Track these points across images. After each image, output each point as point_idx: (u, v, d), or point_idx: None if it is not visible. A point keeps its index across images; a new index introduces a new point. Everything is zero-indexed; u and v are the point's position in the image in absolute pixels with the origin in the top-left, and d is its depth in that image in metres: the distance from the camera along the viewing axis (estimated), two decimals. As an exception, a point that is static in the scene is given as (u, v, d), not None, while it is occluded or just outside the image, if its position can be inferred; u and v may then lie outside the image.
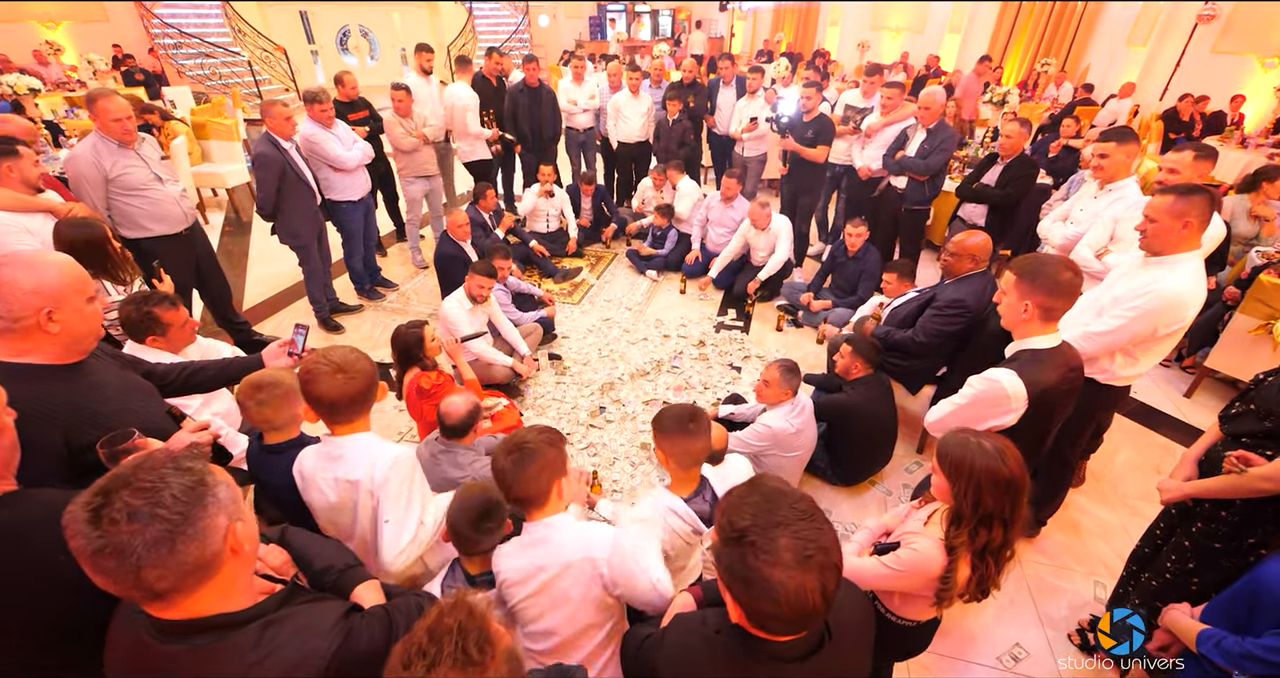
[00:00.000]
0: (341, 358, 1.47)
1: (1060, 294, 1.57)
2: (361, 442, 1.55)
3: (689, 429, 1.62)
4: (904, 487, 2.96)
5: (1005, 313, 1.68)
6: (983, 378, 1.63)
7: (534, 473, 1.38)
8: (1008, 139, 3.68)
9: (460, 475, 2.19)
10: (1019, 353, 1.66)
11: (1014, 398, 1.56)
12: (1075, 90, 9.55)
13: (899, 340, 2.88)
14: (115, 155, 2.96)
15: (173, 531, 0.77)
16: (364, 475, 1.50)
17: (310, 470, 1.59)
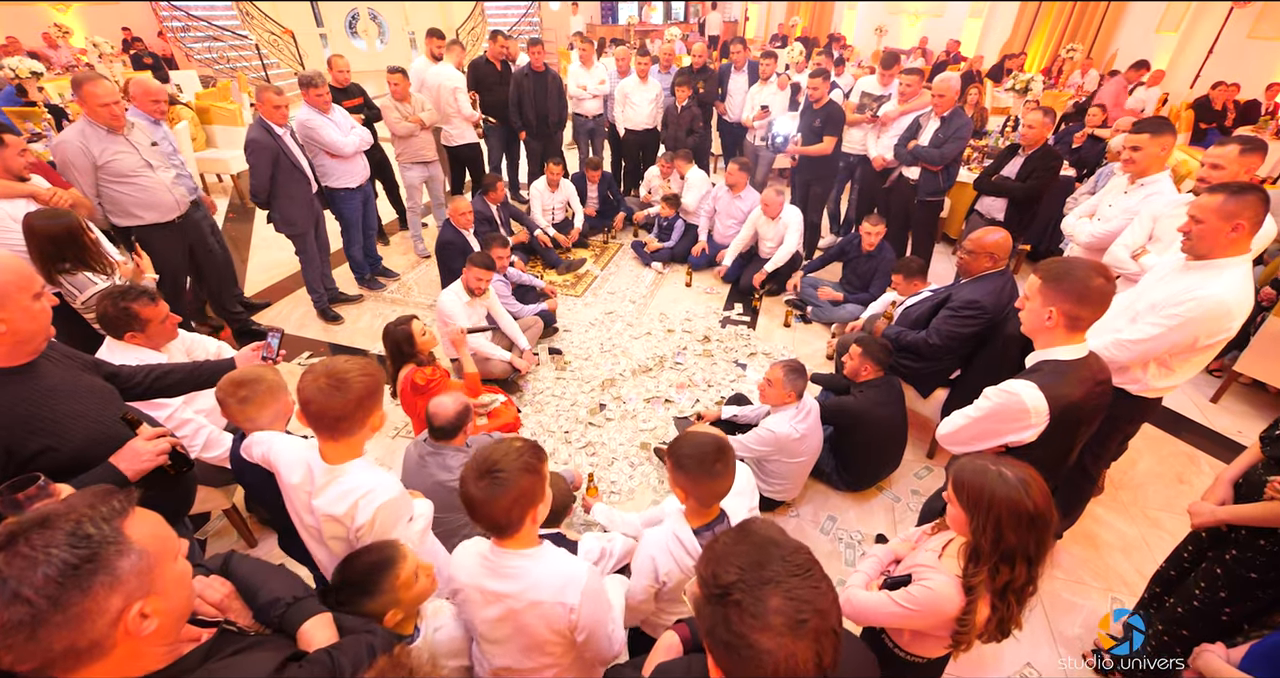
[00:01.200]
0: (336, 367, 1.30)
1: (1089, 302, 1.44)
2: (348, 478, 1.35)
3: (714, 471, 1.44)
4: (913, 493, 2.85)
5: (1028, 320, 1.55)
6: (1000, 390, 1.50)
7: (505, 504, 1.22)
8: (1030, 129, 3.50)
9: (448, 479, 2.11)
10: (1041, 364, 1.53)
11: (1034, 413, 1.44)
12: (1101, 78, 9.21)
13: (911, 342, 2.75)
14: (104, 141, 2.88)
15: (35, 617, 0.67)
16: (344, 514, 1.35)
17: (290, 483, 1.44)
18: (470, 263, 3.23)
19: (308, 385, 1.28)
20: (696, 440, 1.49)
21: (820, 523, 2.69)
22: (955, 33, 11.91)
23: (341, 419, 1.29)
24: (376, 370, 1.36)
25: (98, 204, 2.98)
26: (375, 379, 1.34)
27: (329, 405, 1.27)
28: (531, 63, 5.16)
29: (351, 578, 1.28)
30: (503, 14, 14.39)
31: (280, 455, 1.45)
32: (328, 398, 1.27)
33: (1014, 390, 1.46)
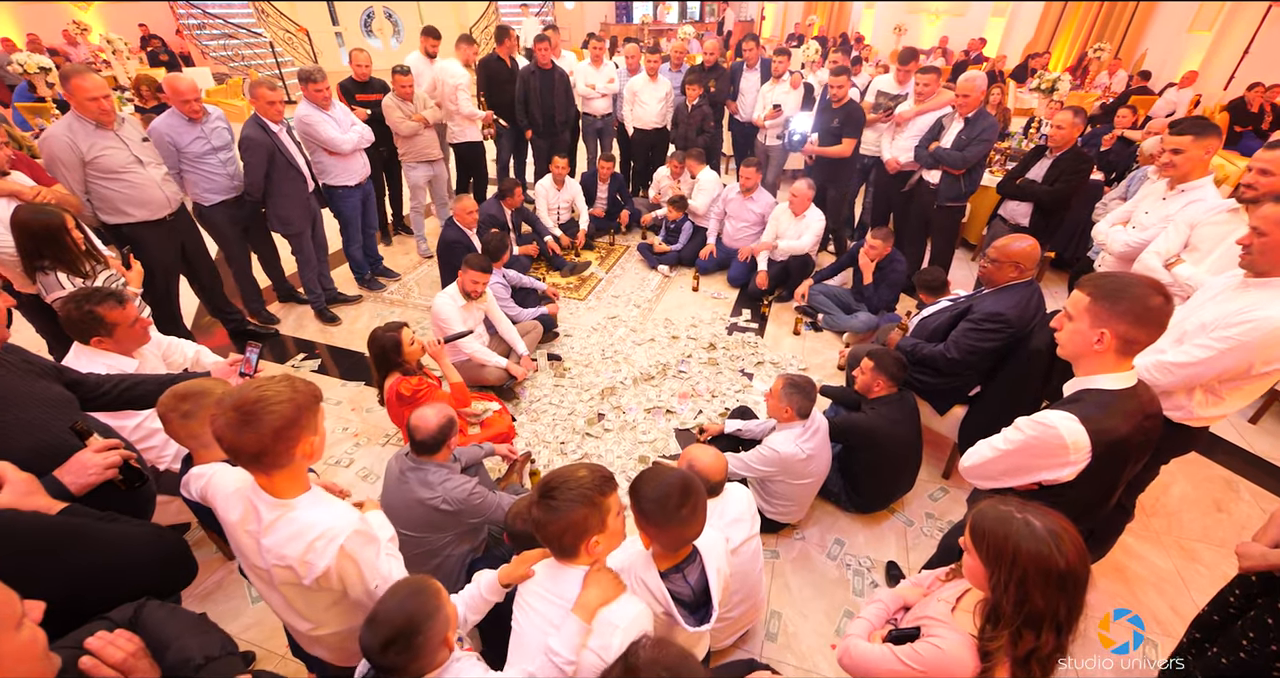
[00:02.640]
0: (246, 397, 1.11)
1: (1147, 323, 1.27)
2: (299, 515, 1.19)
3: (679, 517, 1.31)
4: (927, 517, 2.68)
5: (1071, 342, 1.37)
6: (1035, 422, 1.34)
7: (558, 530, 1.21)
8: (1058, 130, 3.31)
9: (430, 497, 1.98)
10: (1082, 393, 1.36)
11: (1073, 449, 1.27)
12: (1130, 79, 8.91)
13: (928, 355, 2.58)
14: (93, 136, 2.80)
15: None
16: (298, 559, 1.18)
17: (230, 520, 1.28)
18: (466, 265, 3.11)
19: (217, 419, 1.12)
20: (660, 480, 1.35)
21: (827, 547, 2.53)
22: (977, 32, 11.63)
23: (261, 455, 1.13)
24: (299, 393, 1.17)
25: (86, 201, 2.91)
26: (295, 405, 1.15)
27: (241, 442, 1.11)
28: (538, 59, 5.05)
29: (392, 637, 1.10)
30: (516, 14, 14.33)
31: (219, 489, 1.30)
32: (238, 433, 1.10)
33: (1051, 423, 1.30)
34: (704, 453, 1.87)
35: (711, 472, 1.83)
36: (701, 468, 1.82)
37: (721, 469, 1.86)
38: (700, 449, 1.90)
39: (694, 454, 1.87)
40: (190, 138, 3.21)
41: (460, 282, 3.17)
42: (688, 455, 1.88)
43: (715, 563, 1.48)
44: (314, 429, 1.20)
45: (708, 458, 1.85)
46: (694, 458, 1.86)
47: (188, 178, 3.32)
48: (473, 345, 3.15)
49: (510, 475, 2.77)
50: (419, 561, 2.09)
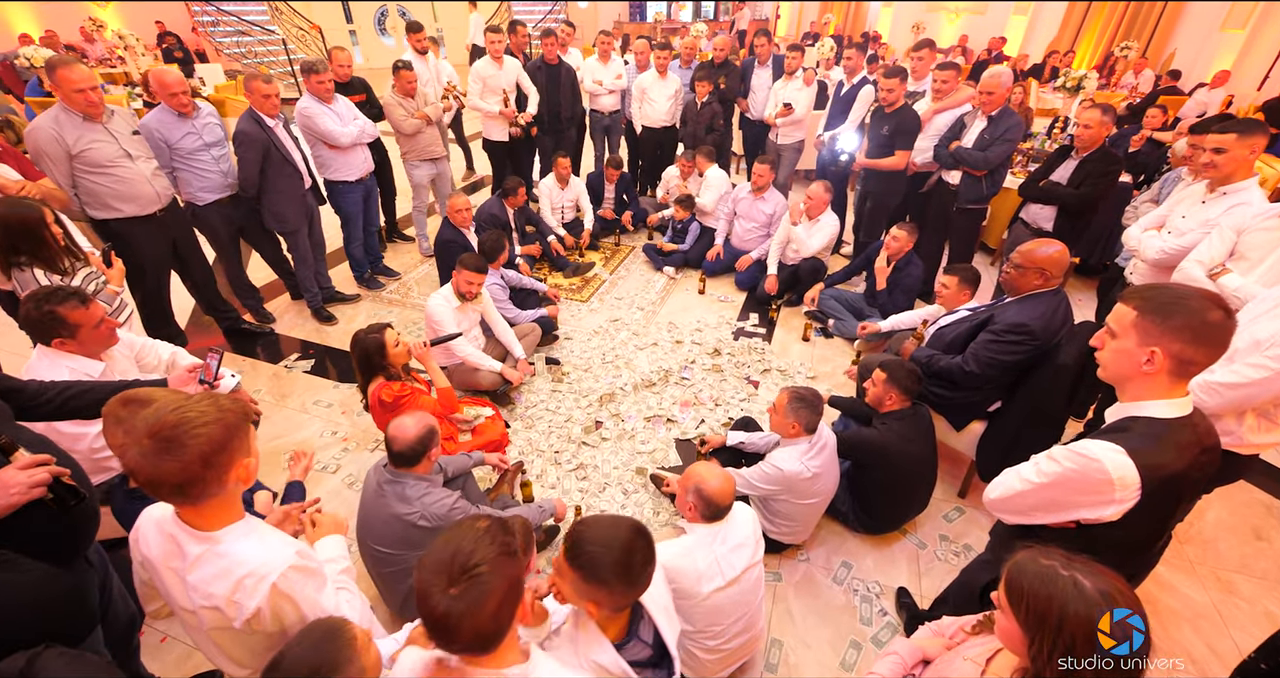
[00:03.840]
0: (163, 420, 0.96)
1: (1205, 341, 1.11)
2: (226, 549, 1.06)
3: (629, 579, 1.14)
4: (942, 539, 2.51)
5: (1115, 363, 1.21)
6: (1075, 452, 1.18)
7: (489, 612, 0.92)
8: (1086, 129, 3.13)
9: (407, 512, 1.86)
10: (1129, 422, 1.20)
11: (1119, 486, 1.11)
12: (1159, 78, 8.62)
13: (944, 368, 2.41)
14: (80, 129, 2.72)
15: None
16: (225, 599, 1.05)
17: (149, 555, 1.14)
18: (460, 265, 3.00)
19: (128, 450, 0.96)
20: (604, 535, 1.16)
21: (833, 570, 2.37)
22: (997, 31, 11.35)
23: (187, 485, 0.99)
24: (227, 412, 1.03)
25: (74, 196, 2.83)
26: (223, 426, 1.00)
27: (160, 473, 0.96)
28: (545, 55, 4.94)
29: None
30: (529, 13, 14.26)
31: (140, 520, 1.16)
32: (156, 464, 0.95)
33: (1094, 455, 1.14)
34: (712, 474, 1.71)
35: (721, 496, 1.68)
36: (710, 492, 1.67)
37: (730, 493, 1.71)
38: (708, 470, 1.73)
39: (701, 475, 1.71)
40: (181, 133, 3.13)
41: (454, 282, 3.06)
42: (694, 476, 1.72)
43: (660, 605, 1.33)
44: (246, 451, 1.06)
45: (716, 481, 1.69)
46: (701, 480, 1.70)
47: (181, 176, 3.24)
48: (465, 349, 3.04)
49: (500, 486, 2.65)
50: (395, 579, 1.98)
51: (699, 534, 1.69)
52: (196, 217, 3.36)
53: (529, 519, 1.75)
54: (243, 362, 3.63)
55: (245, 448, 1.06)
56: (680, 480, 1.76)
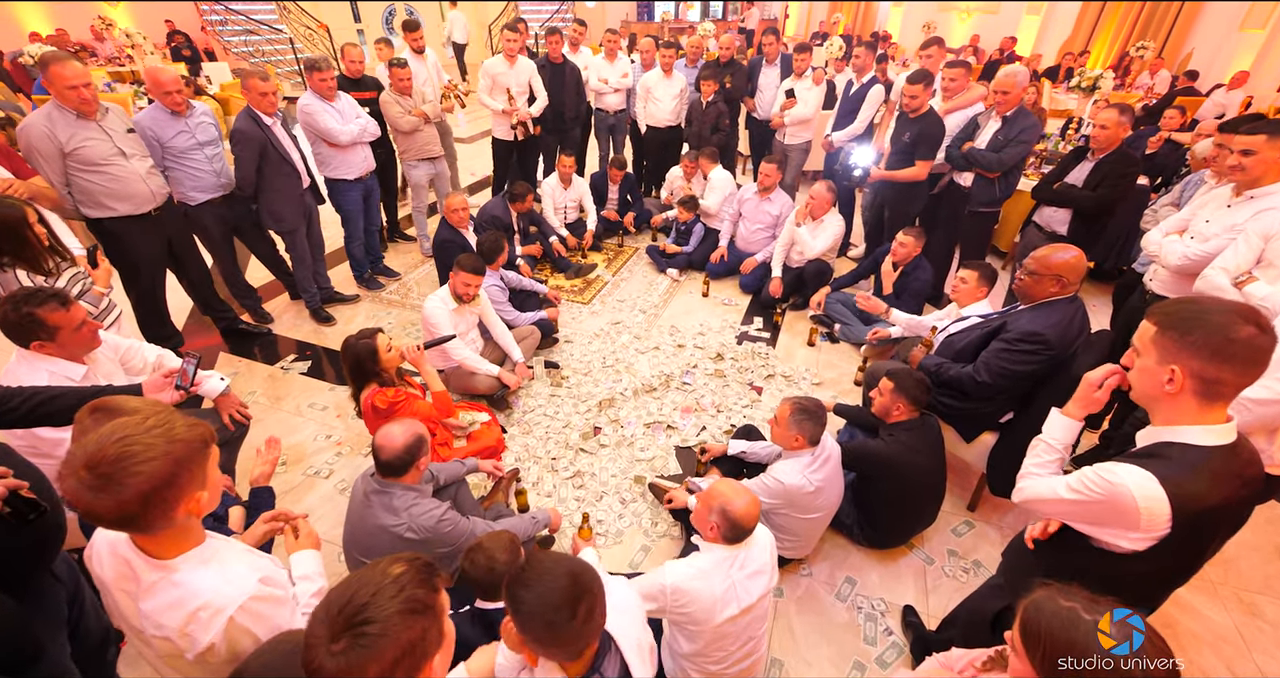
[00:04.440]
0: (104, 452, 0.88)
1: (1229, 358, 1.03)
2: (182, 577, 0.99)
3: (570, 630, 1.03)
4: (950, 554, 2.42)
5: (1140, 383, 1.14)
6: (1102, 476, 1.10)
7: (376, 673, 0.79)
8: (1102, 129, 3.02)
9: (394, 523, 1.80)
10: (1162, 447, 1.11)
11: (1146, 517, 1.03)
12: (1176, 79, 8.45)
13: (954, 377, 2.32)
14: (73, 127, 2.67)
15: None
16: (178, 631, 0.98)
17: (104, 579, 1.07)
18: (457, 266, 2.94)
19: (65, 478, 0.89)
20: (543, 584, 1.05)
21: (836, 586, 2.29)
22: (1010, 30, 11.20)
23: (125, 521, 0.91)
24: (177, 442, 0.93)
25: (67, 194, 2.79)
26: (170, 461, 0.91)
27: (96, 507, 0.88)
28: (549, 53, 4.88)
29: None
30: (536, 12, 14.23)
31: (93, 541, 1.09)
32: (92, 498, 0.87)
33: (1120, 480, 1.06)
34: (739, 495, 1.58)
35: (748, 519, 1.57)
36: (737, 514, 1.55)
37: (756, 515, 1.59)
38: (733, 489, 1.60)
39: (727, 495, 1.58)
40: (173, 132, 3.08)
41: (452, 284, 3.00)
42: (719, 495, 1.59)
43: (634, 638, 1.24)
44: (200, 484, 0.97)
45: (743, 502, 1.56)
46: (727, 500, 1.57)
47: (173, 175, 3.19)
48: (461, 352, 2.97)
49: (495, 494, 2.59)
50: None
51: (716, 556, 1.58)
52: (189, 216, 3.32)
53: (517, 536, 1.67)
54: (239, 362, 3.59)
55: (198, 480, 0.98)
56: (703, 497, 1.64)
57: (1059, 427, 1.36)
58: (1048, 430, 1.38)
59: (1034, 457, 1.37)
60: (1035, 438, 1.40)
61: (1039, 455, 1.36)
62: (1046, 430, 1.38)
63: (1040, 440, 1.38)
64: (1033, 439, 1.40)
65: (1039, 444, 1.38)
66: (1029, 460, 1.37)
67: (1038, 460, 1.35)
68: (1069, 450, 1.35)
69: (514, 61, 4.62)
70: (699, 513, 1.63)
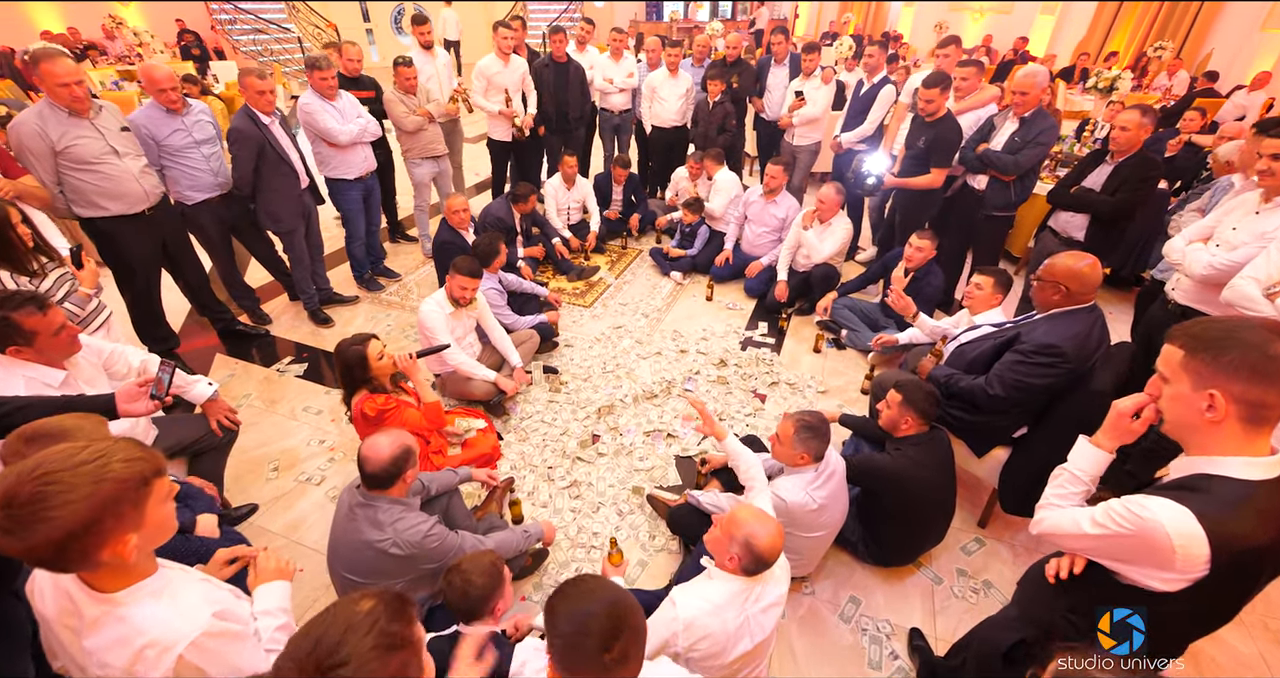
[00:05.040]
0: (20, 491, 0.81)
1: (1272, 378, 0.94)
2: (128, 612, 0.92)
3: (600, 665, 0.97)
4: (959, 573, 2.32)
5: (1173, 412, 1.05)
6: (1131, 512, 1.01)
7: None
8: (1123, 131, 2.90)
9: (379, 539, 1.73)
10: (1200, 480, 1.02)
11: (1182, 557, 0.94)
12: (1195, 80, 8.26)
13: (966, 389, 2.23)
14: (65, 125, 2.63)
15: None
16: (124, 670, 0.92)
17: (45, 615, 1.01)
18: (453, 269, 2.87)
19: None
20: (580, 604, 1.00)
21: (840, 606, 2.20)
22: (1024, 31, 11.03)
23: (42, 562, 0.83)
24: (105, 482, 0.85)
25: (59, 193, 2.75)
26: (93, 503, 0.83)
27: (6, 548, 0.81)
28: (553, 52, 4.81)
29: None
30: (544, 11, 14.19)
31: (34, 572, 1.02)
32: (5, 542, 0.80)
33: (1153, 516, 0.97)
34: (765, 527, 1.44)
35: (772, 554, 1.45)
36: (762, 549, 1.43)
37: (780, 549, 1.48)
38: (758, 520, 1.46)
39: (752, 527, 1.44)
40: (169, 130, 3.04)
41: (448, 287, 2.93)
42: (744, 525, 1.45)
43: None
44: (132, 525, 0.89)
45: (768, 536, 1.43)
46: (753, 534, 1.43)
47: (169, 174, 3.15)
48: (457, 358, 2.90)
49: (489, 504, 2.52)
50: (368, 608, 1.85)
51: (731, 589, 1.47)
52: (185, 216, 3.28)
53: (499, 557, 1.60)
54: (235, 364, 3.54)
55: (129, 522, 0.89)
56: (724, 525, 1.51)
57: (1087, 458, 1.26)
58: (1074, 461, 1.27)
59: (1056, 487, 1.27)
60: (1059, 467, 1.29)
61: (1062, 486, 1.26)
62: (1073, 461, 1.27)
63: (1065, 470, 1.27)
64: (1056, 468, 1.30)
65: (1062, 474, 1.27)
66: (1050, 490, 1.27)
67: (1060, 491, 1.25)
68: (1095, 483, 1.25)
69: (508, 60, 4.55)
70: (717, 540, 1.52)
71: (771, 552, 1.44)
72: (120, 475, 0.87)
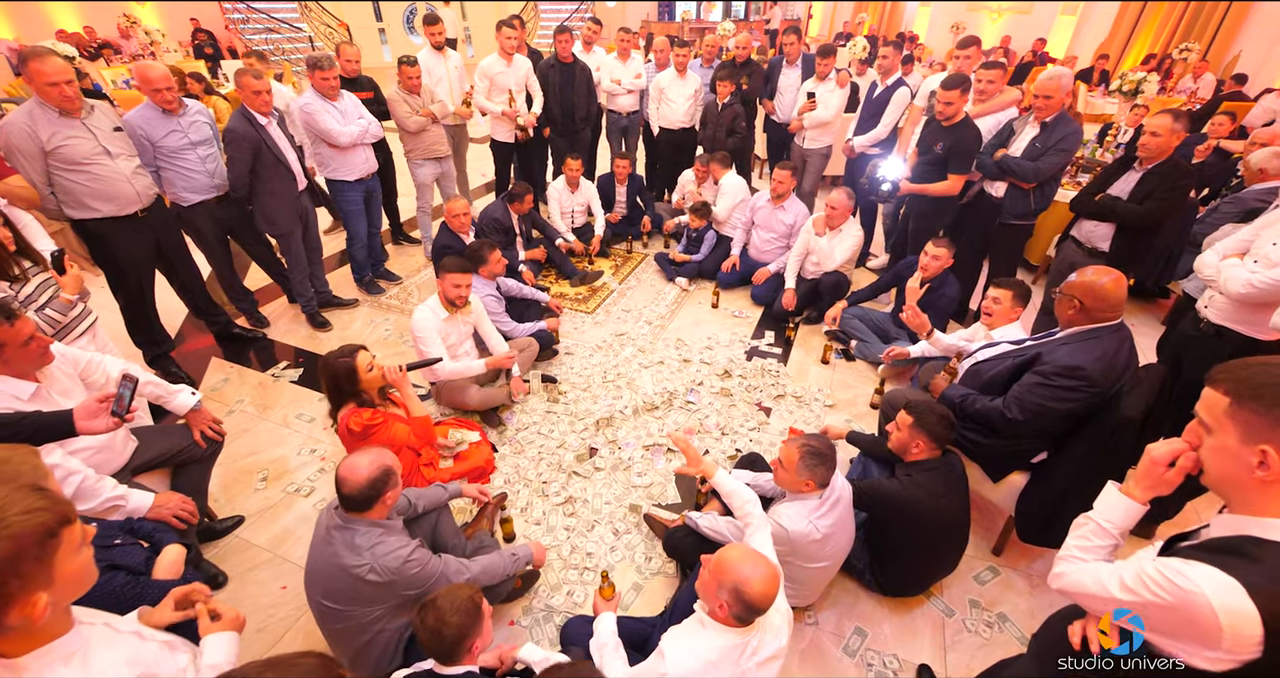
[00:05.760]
0: None
1: None
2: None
3: None
4: (972, 605, 2.20)
5: (1218, 467, 0.93)
6: (1169, 579, 0.88)
7: None
8: (1154, 137, 2.74)
9: (355, 564, 1.63)
10: (1247, 543, 0.89)
11: (1230, 635, 0.82)
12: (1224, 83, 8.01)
13: (982, 411, 2.10)
14: (55, 125, 2.58)
15: None
16: None
17: None
18: (442, 270, 2.80)
19: None
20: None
21: (845, 638, 2.08)
22: (1043, 32, 10.80)
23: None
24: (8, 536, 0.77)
25: (50, 194, 2.70)
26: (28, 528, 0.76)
27: None
28: (558, 52, 4.72)
29: None
30: (556, 11, 14.13)
31: None
32: None
33: (1194, 587, 0.84)
34: (757, 570, 1.31)
35: (765, 601, 1.32)
36: (753, 597, 1.30)
37: (775, 595, 1.34)
38: (750, 560, 1.34)
39: (742, 571, 1.31)
40: (165, 131, 2.98)
41: (441, 289, 2.85)
42: (732, 569, 1.33)
43: None
44: (40, 583, 0.80)
45: (760, 580, 1.30)
46: (743, 579, 1.30)
47: (165, 175, 3.10)
48: (449, 368, 2.80)
49: (480, 521, 2.43)
50: (345, 636, 1.76)
51: (724, 644, 1.36)
52: (181, 218, 3.22)
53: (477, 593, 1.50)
54: (230, 368, 3.49)
55: (35, 581, 0.79)
56: (711, 569, 1.38)
57: (1117, 509, 1.13)
58: (1101, 511, 1.15)
59: (1079, 538, 1.14)
60: (1083, 516, 1.17)
61: (1085, 538, 1.13)
62: (1100, 511, 1.15)
63: (1090, 519, 1.15)
64: (1079, 515, 1.17)
65: (1087, 524, 1.15)
66: (1073, 540, 1.15)
67: (1084, 543, 1.12)
68: (1125, 537, 1.12)
69: (510, 60, 4.46)
70: (706, 584, 1.40)
71: (763, 599, 1.32)
72: (18, 531, 0.78)
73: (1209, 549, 0.91)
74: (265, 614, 2.16)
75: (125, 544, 1.45)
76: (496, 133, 4.79)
